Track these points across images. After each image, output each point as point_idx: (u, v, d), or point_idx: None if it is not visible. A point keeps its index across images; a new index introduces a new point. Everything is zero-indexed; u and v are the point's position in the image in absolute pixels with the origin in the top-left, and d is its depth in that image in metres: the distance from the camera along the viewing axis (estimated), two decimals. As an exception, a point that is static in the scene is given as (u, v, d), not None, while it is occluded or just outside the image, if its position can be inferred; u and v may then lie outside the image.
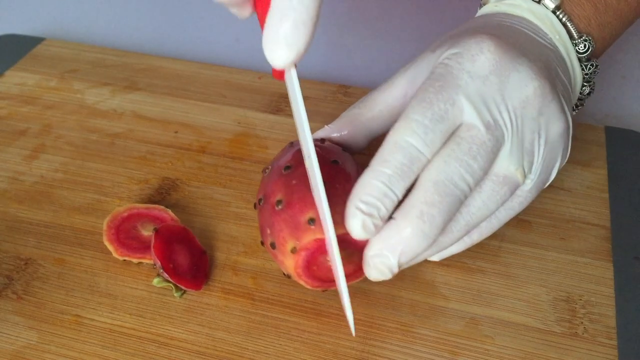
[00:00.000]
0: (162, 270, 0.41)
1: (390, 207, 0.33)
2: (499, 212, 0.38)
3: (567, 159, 0.39)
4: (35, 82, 0.61)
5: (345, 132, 0.41)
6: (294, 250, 0.36)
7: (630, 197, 0.49)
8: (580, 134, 0.55)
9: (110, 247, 0.44)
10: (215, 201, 0.49)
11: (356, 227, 0.33)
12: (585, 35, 0.40)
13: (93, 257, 0.45)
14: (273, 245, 0.37)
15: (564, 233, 0.46)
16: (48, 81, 0.61)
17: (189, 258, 0.43)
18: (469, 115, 0.34)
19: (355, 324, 0.40)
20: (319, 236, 0.35)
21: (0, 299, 0.42)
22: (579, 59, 0.40)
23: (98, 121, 0.56)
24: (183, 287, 0.41)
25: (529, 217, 0.47)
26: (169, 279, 0.41)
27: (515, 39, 0.37)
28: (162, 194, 0.49)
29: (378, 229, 0.33)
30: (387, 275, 0.34)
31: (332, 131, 0.41)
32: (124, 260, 0.44)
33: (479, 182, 0.34)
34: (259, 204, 0.39)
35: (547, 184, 0.39)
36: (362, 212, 0.32)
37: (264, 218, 0.38)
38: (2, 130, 0.55)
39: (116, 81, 0.61)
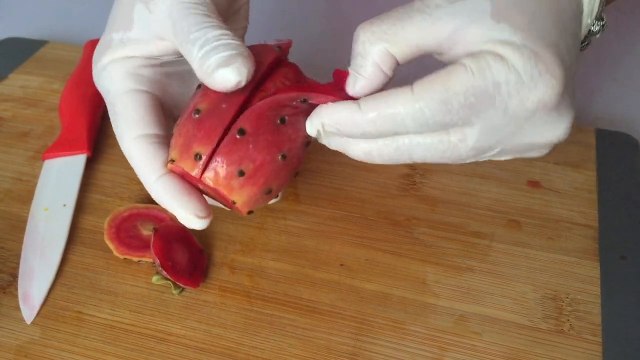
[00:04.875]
0: (161, 268, 0.42)
1: None
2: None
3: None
4: (38, 85, 0.62)
5: None
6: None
7: (618, 198, 0.50)
8: (570, 136, 0.55)
9: (111, 246, 0.45)
10: (213, 201, 0.50)
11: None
12: None
13: (94, 255, 0.46)
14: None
15: (552, 233, 0.47)
16: (51, 83, 0.62)
17: (187, 256, 0.44)
18: (470, 138, 0.33)
19: (347, 320, 0.42)
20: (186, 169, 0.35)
21: (5, 296, 0.43)
22: None
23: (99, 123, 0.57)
24: (181, 285, 0.43)
25: (518, 217, 0.48)
26: (168, 276, 0.42)
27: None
28: (162, 194, 0.51)
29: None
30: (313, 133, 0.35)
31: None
32: (124, 258, 0.45)
33: None
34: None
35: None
36: (321, 132, 0.34)
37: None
38: (6, 132, 0.57)
39: (117, 83, 0.62)
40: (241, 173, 0.34)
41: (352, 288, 0.44)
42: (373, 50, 0.33)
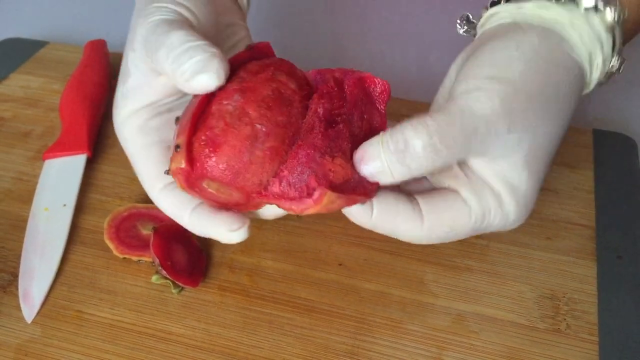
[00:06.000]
0: (160, 268, 0.42)
1: None
2: None
3: None
4: (39, 85, 0.62)
5: None
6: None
7: (615, 198, 0.51)
8: (568, 136, 0.56)
9: (110, 245, 0.45)
10: (213, 201, 0.50)
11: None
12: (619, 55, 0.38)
13: (94, 255, 0.46)
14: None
15: (550, 233, 0.48)
16: (51, 84, 0.63)
17: (186, 256, 0.44)
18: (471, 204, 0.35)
19: (346, 319, 0.42)
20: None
21: (5, 295, 0.43)
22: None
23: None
24: (181, 284, 0.43)
25: (516, 218, 0.49)
26: (167, 276, 0.42)
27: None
28: (162, 194, 0.51)
29: None
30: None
31: None
32: (124, 257, 0.45)
33: None
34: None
35: None
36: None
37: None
38: (7, 132, 0.57)
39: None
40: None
41: (351, 287, 0.44)
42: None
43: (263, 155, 0.33)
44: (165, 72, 0.34)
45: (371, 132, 0.36)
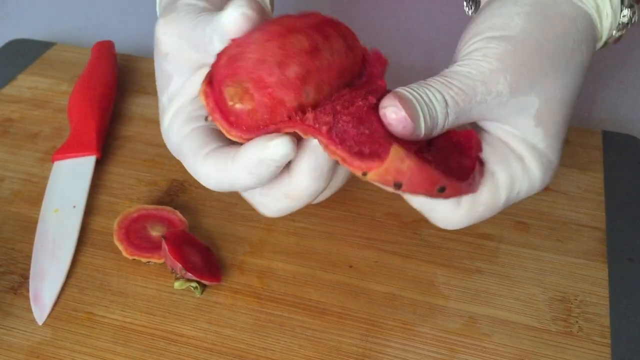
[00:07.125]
0: (185, 271, 0.42)
1: None
2: None
3: None
4: (46, 86, 0.62)
5: None
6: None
7: (625, 200, 0.51)
8: (577, 138, 0.56)
9: (120, 246, 0.45)
10: (222, 203, 0.50)
11: None
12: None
13: (104, 256, 0.46)
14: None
15: (560, 235, 0.48)
16: (59, 85, 0.63)
17: (199, 255, 0.44)
18: None
19: (357, 322, 0.42)
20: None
21: (16, 297, 0.43)
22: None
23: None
24: (207, 282, 0.43)
25: (526, 219, 0.49)
26: (194, 278, 0.42)
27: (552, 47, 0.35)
28: (171, 196, 0.51)
29: None
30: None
31: None
32: (134, 259, 0.45)
33: None
34: None
35: None
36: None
37: None
38: (15, 133, 0.57)
39: (125, 85, 0.62)
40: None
41: (362, 290, 0.44)
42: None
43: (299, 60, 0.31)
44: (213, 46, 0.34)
45: None
